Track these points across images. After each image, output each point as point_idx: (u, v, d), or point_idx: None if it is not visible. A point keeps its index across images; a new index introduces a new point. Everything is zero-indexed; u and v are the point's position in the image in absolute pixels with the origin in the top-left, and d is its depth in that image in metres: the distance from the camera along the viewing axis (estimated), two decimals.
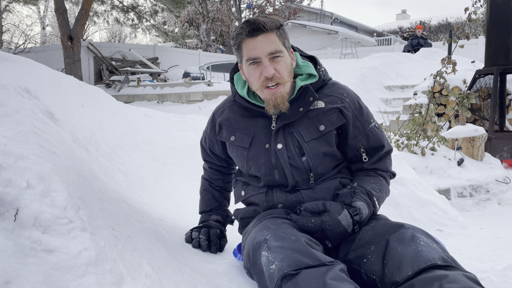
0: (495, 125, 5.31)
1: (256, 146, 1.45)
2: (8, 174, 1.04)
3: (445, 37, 16.33)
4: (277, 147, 1.42)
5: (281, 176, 1.44)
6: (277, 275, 1.11)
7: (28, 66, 2.07)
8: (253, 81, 1.40)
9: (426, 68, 9.38)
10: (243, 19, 23.35)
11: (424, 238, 1.19)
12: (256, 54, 1.35)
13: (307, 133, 1.41)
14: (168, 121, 3.53)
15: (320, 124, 1.42)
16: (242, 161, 1.50)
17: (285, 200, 1.43)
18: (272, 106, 1.39)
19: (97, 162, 2.00)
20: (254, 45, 1.35)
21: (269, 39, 1.35)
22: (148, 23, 15.75)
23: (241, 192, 1.56)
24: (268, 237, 1.22)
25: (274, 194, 1.45)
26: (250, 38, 1.35)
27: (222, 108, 1.59)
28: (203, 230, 1.61)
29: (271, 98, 1.38)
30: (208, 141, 1.66)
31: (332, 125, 1.42)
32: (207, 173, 1.76)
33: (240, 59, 1.42)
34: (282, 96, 1.38)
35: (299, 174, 1.43)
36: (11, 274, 0.89)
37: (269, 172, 1.44)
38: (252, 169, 1.47)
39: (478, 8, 4.84)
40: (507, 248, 2.34)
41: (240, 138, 1.49)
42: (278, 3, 23.44)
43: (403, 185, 2.77)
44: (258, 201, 1.48)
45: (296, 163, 1.42)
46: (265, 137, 1.45)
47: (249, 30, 1.34)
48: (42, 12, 26.30)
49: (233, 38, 1.40)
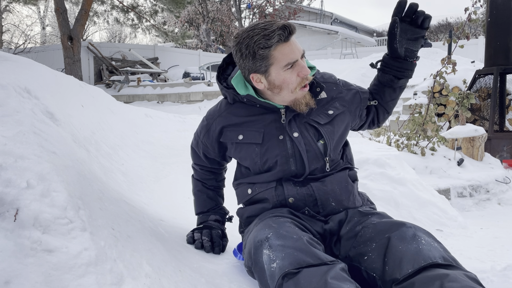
0: (495, 125, 5.31)
1: (269, 139, 1.45)
2: (8, 174, 1.04)
3: (445, 37, 16.33)
4: (294, 135, 1.44)
5: (298, 164, 1.44)
6: (278, 273, 1.11)
7: (28, 66, 2.07)
8: (288, 85, 1.38)
9: (426, 68, 9.38)
10: (243, 19, 23.17)
11: (426, 237, 1.19)
12: (296, 56, 1.35)
13: (320, 119, 1.47)
14: (168, 121, 3.54)
15: (328, 109, 1.49)
16: (255, 157, 1.47)
17: (296, 193, 1.42)
18: (304, 105, 1.42)
19: (97, 162, 2.00)
20: (290, 49, 1.34)
21: (295, 40, 1.37)
22: (148, 23, 15.76)
23: (247, 190, 1.52)
24: (269, 236, 1.22)
25: (285, 188, 1.44)
26: (285, 43, 1.33)
27: (217, 112, 1.56)
28: (205, 231, 1.61)
29: (302, 97, 1.41)
30: (201, 145, 1.63)
31: (337, 110, 1.50)
32: (198, 174, 1.73)
33: (266, 68, 1.36)
34: (308, 93, 1.43)
35: (316, 160, 1.45)
36: (11, 274, 0.89)
37: (285, 161, 1.44)
38: (267, 163, 1.46)
39: (478, 8, 4.84)
40: (507, 248, 2.34)
41: (250, 135, 1.47)
42: (278, 3, 23.44)
43: (403, 185, 2.77)
44: (268, 196, 1.45)
45: (313, 149, 1.44)
46: (276, 130, 1.45)
47: (287, 35, 1.32)
48: (42, 12, 26.34)
49: (264, 47, 1.31)
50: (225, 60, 1.56)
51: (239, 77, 1.48)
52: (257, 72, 1.37)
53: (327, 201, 1.42)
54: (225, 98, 1.57)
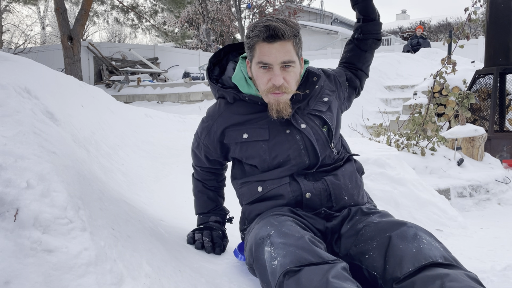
0: (495, 125, 5.31)
1: (276, 135, 1.45)
2: (8, 174, 1.04)
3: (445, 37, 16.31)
4: (301, 126, 1.45)
5: (310, 155, 1.45)
6: (280, 271, 1.11)
7: (28, 66, 2.07)
8: (259, 84, 1.40)
9: (426, 68, 9.38)
10: (243, 19, 23.10)
11: (427, 236, 1.20)
12: (269, 60, 1.35)
13: (320, 107, 1.51)
14: (168, 121, 3.54)
15: (323, 97, 1.54)
16: (264, 154, 1.45)
17: (313, 187, 1.42)
18: (275, 111, 1.41)
19: (97, 162, 2.00)
20: (268, 51, 1.34)
21: (285, 47, 1.34)
22: (148, 23, 15.76)
23: (256, 189, 1.48)
24: (271, 233, 1.22)
25: (300, 183, 1.42)
26: (266, 43, 1.34)
27: (218, 112, 1.55)
28: (206, 232, 1.61)
29: (274, 103, 1.40)
30: (203, 147, 1.61)
31: (329, 96, 1.56)
32: (199, 174, 1.72)
33: (250, 57, 1.42)
34: (285, 102, 1.41)
35: (324, 148, 1.47)
36: (11, 274, 0.89)
37: (298, 155, 1.44)
38: (278, 158, 1.45)
39: (478, 8, 4.85)
40: (507, 248, 2.34)
41: (255, 133, 1.46)
42: (278, 3, 23.42)
43: (403, 185, 2.77)
44: (283, 192, 1.42)
45: (320, 137, 1.47)
46: (281, 125, 1.45)
47: (267, 36, 1.32)
48: (42, 12, 26.34)
49: (248, 37, 1.38)
50: (211, 61, 1.57)
51: (239, 75, 1.48)
52: (249, 60, 1.44)
53: (340, 195, 1.43)
54: (222, 98, 1.56)
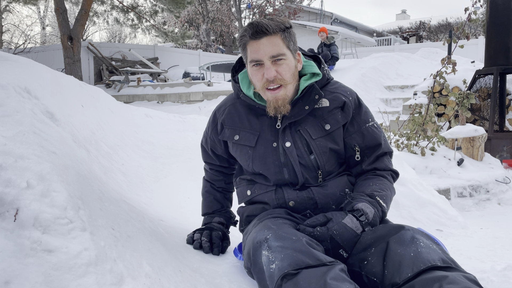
0: (495, 125, 5.31)
1: (263, 144, 1.45)
2: (8, 174, 1.04)
3: (445, 37, 16.32)
4: (286, 145, 1.42)
5: (291, 174, 1.44)
6: (278, 274, 1.11)
7: (28, 66, 2.07)
8: (255, 82, 1.41)
9: (426, 68, 9.38)
10: (243, 19, 23.14)
11: (424, 239, 1.19)
12: (259, 56, 1.36)
13: (313, 132, 1.43)
14: (168, 121, 3.53)
15: (326, 123, 1.43)
16: (248, 160, 1.48)
17: (297, 197, 1.42)
18: (272, 108, 1.40)
19: (97, 162, 2.00)
20: (257, 48, 1.36)
21: (272, 42, 1.35)
22: (148, 23, 15.77)
23: (246, 191, 1.53)
24: (268, 237, 1.22)
25: (285, 191, 1.44)
26: (253, 40, 1.36)
27: (223, 106, 1.58)
28: (205, 232, 1.61)
29: (272, 99, 1.39)
30: (209, 141, 1.65)
31: (338, 123, 1.44)
32: (208, 175, 1.75)
33: (245, 59, 1.43)
34: (283, 99, 1.39)
35: (308, 172, 1.43)
36: (11, 274, 0.89)
37: (278, 171, 1.44)
38: (259, 168, 1.47)
39: (478, 8, 4.84)
40: (507, 248, 2.34)
41: (245, 137, 1.48)
42: (278, 3, 23.42)
43: (403, 185, 2.77)
44: (268, 200, 1.46)
45: (305, 161, 1.43)
46: (271, 135, 1.45)
47: (252, 32, 1.35)
48: (42, 12, 26.35)
49: (239, 39, 1.41)
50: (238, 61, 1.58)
51: (243, 74, 1.49)
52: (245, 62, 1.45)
53: (328, 204, 1.42)
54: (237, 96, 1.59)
